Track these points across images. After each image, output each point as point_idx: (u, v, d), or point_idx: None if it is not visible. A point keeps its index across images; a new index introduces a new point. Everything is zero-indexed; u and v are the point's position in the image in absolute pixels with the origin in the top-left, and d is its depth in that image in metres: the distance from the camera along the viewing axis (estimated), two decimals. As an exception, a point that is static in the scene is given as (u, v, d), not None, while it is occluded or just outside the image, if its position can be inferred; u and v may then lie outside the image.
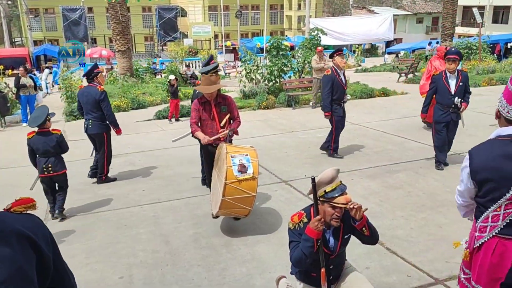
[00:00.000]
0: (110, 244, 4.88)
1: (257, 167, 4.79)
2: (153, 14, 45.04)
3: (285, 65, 14.00)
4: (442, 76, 6.79)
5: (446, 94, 6.72)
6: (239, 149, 4.95)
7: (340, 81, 7.49)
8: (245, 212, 4.83)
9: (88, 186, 6.85)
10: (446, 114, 6.78)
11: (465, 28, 40.42)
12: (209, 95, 5.18)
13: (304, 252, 2.94)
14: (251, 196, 4.68)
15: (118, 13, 17.88)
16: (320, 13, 53.11)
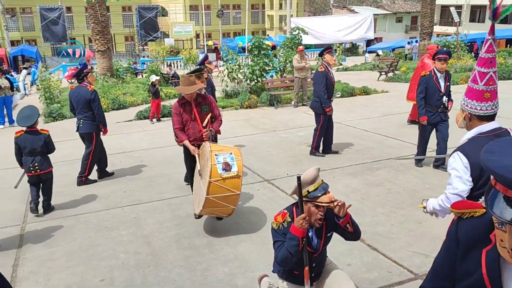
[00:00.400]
0: (91, 247, 4.82)
1: (242, 165, 4.80)
2: (133, 14, 44.58)
3: (267, 65, 14.03)
4: (432, 77, 6.69)
5: (436, 94, 6.64)
6: (223, 148, 4.95)
7: (331, 78, 7.54)
8: (229, 211, 4.82)
9: (68, 188, 6.75)
10: (435, 115, 6.71)
11: (443, 27, 41.09)
12: (189, 96, 5.15)
13: (290, 251, 2.96)
14: (235, 194, 4.68)
15: (97, 12, 17.66)
16: (301, 13, 53.32)
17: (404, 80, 18.11)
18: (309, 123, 10.67)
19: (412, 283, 3.89)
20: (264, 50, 14.00)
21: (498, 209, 1.22)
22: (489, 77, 2.65)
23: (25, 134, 5.65)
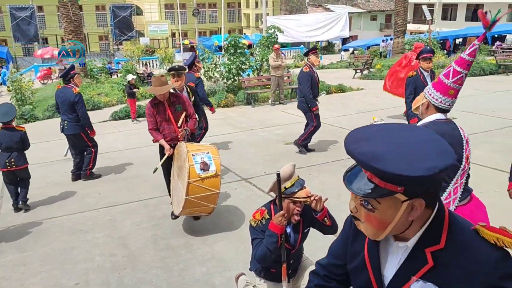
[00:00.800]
0: (65, 250, 4.74)
1: (219, 164, 4.79)
2: (107, 13, 43.88)
3: (243, 63, 14.03)
4: (420, 76, 6.65)
5: None
6: (199, 147, 4.92)
7: (316, 78, 7.55)
8: (209, 210, 4.81)
9: (42, 190, 6.61)
10: None
11: (416, 25, 41.84)
12: (161, 96, 5.10)
13: (269, 247, 2.97)
14: (214, 193, 4.68)
15: (70, 11, 17.33)
16: (277, 11, 53.48)
17: (379, 78, 18.38)
18: (286, 121, 10.75)
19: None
20: (241, 49, 13.99)
21: None
22: (460, 77, 2.84)
23: (2, 131, 5.75)
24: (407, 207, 1.29)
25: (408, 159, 1.22)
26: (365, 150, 1.26)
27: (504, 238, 1.28)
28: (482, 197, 5.58)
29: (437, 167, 1.20)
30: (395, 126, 1.41)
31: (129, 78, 12.22)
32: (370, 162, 1.22)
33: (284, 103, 13.40)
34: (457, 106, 11.45)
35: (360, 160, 1.25)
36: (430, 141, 1.31)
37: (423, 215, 1.34)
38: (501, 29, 31.51)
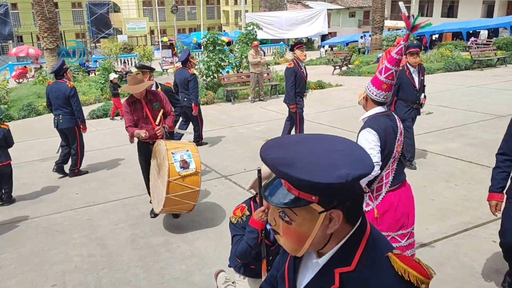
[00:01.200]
0: (42, 252, 4.66)
1: (199, 161, 4.78)
2: (83, 10, 43.21)
3: (223, 60, 13.99)
4: (405, 71, 6.48)
5: (411, 89, 6.46)
6: (178, 145, 4.89)
7: (302, 74, 7.37)
8: (189, 207, 4.80)
9: (17, 192, 6.47)
10: (410, 110, 6.54)
11: (394, 21, 42.38)
12: (138, 94, 5.04)
13: (249, 243, 2.99)
14: (195, 190, 4.68)
15: (45, 9, 16.99)
16: (256, 8, 53.43)
17: (357, 74, 18.59)
18: (267, 118, 10.77)
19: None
20: (220, 46, 13.94)
21: None
22: (391, 73, 3.20)
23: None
24: (324, 219, 1.25)
25: (321, 167, 1.20)
26: (277, 156, 1.24)
27: (411, 271, 1.22)
28: (456, 189, 5.74)
29: (350, 175, 1.17)
30: (317, 137, 1.38)
31: (111, 78, 12.07)
32: (280, 167, 1.20)
33: (264, 100, 13.42)
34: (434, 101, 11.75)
35: (270, 165, 1.22)
36: (348, 151, 1.30)
37: (342, 231, 1.30)
38: (476, 25, 32.16)
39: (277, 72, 15.93)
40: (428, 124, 9.01)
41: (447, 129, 8.70)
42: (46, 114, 12.68)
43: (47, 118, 12.15)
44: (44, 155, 8.42)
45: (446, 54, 19.76)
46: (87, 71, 22.34)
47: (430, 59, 19.47)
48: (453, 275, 3.87)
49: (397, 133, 3.26)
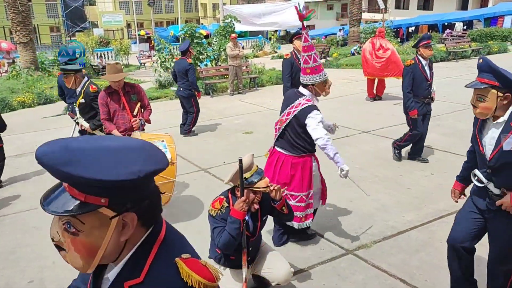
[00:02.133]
0: (18, 248, 4.58)
1: (175, 152, 4.76)
2: (57, 3, 42.27)
3: (201, 53, 13.89)
4: (418, 65, 6.15)
5: (424, 84, 6.20)
6: (154, 136, 4.87)
7: (299, 65, 6.87)
8: (165, 199, 4.77)
9: (-9, 189, 6.34)
10: (422, 106, 6.30)
11: (371, 14, 42.72)
12: (116, 84, 4.99)
13: (232, 234, 3.01)
14: (170, 181, 4.65)
15: (17, 2, 16.56)
16: (234, 1, 53.13)
17: (335, 66, 18.72)
18: (246, 111, 10.77)
19: (343, 258, 4.07)
20: (197, 39, 13.83)
21: None
22: (313, 58, 3.84)
23: None
24: (117, 224, 1.13)
25: (110, 164, 1.08)
26: (57, 156, 1.07)
27: (194, 276, 1.16)
28: (432, 178, 5.86)
29: (142, 171, 1.10)
30: (107, 137, 1.26)
31: None
32: (61, 167, 1.05)
33: (243, 93, 13.40)
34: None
35: (48, 165, 1.06)
36: (140, 148, 1.19)
37: (136, 236, 1.20)
38: (451, 18, 32.69)
39: (256, 65, 15.91)
40: (405, 115, 9.15)
41: (423, 120, 8.84)
42: (20, 109, 12.41)
43: (21, 113, 11.91)
44: (19, 151, 8.25)
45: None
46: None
47: (407, 51, 19.71)
48: (428, 261, 3.96)
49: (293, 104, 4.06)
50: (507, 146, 2.70)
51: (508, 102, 2.71)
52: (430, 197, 5.29)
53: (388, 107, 9.97)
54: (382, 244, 4.28)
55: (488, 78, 2.70)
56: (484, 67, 2.74)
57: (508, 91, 2.68)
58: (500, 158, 2.73)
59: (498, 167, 2.77)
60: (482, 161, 2.89)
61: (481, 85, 2.73)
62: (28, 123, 10.36)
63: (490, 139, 2.80)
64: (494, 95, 2.68)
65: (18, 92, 13.50)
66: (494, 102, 2.69)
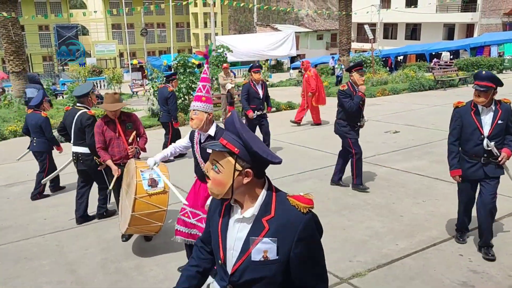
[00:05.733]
0: (9, 280, 4.50)
1: (168, 181, 4.75)
2: (51, 33, 42.69)
3: (193, 82, 14.04)
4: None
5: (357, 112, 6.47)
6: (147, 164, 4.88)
7: (255, 91, 8.21)
8: (156, 229, 4.74)
9: (-19, 219, 6.26)
10: (357, 130, 6.68)
11: (360, 44, 43.65)
12: (113, 114, 5.08)
13: None
14: (161, 210, 4.62)
15: (11, 32, 16.75)
16: (226, 31, 54.10)
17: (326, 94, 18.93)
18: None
19: (338, 286, 4.06)
20: (190, 68, 14.02)
21: None
22: (207, 89, 3.99)
23: None
24: (239, 173, 1.81)
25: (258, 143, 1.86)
26: None
27: (299, 204, 1.84)
28: (424, 205, 5.90)
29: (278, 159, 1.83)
30: None
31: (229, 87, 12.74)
32: None
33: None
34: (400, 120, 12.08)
35: None
36: None
37: (256, 186, 1.88)
38: (438, 47, 33.50)
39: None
40: (396, 143, 9.28)
41: (413, 147, 8.97)
42: (11, 138, 12.36)
43: (13, 143, 11.85)
44: (10, 180, 8.19)
45: (411, 75, 20.46)
46: (54, 94, 21.97)
47: (396, 79, 20.11)
48: (423, 288, 3.97)
49: None
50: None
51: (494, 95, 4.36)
52: (423, 224, 5.33)
53: (379, 135, 10.10)
54: (376, 272, 4.28)
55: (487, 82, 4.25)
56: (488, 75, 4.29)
57: None
58: (495, 129, 4.33)
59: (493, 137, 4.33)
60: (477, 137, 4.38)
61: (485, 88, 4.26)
62: (18, 153, 10.30)
63: (488, 120, 4.36)
64: (491, 91, 4.29)
65: (10, 121, 13.47)
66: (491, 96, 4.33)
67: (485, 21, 39.39)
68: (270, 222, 1.84)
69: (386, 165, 7.76)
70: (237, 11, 68.94)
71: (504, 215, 5.37)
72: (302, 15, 60.30)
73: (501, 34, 33.14)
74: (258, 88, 8.43)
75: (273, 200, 1.86)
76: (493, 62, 23.99)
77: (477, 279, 4.08)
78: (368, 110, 13.66)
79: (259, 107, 8.39)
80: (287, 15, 67.74)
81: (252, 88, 8.41)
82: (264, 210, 1.86)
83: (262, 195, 1.88)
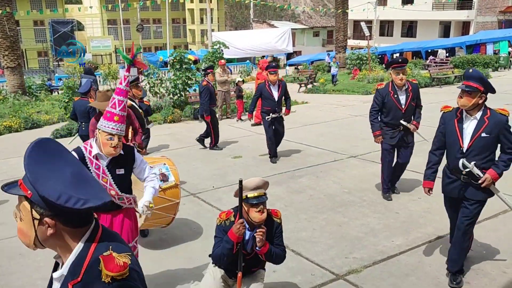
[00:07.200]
0: (3, 276, 4.49)
1: (177, 174, 4.80)
2: (46, 28, 42.42)
3: (189, 79, 14.01)
4: (390, 93, 5.84)
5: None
6: (155, 160, 4.94)
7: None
8: (169, 220, 4.82)
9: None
10: None
11: (356, 41, 43.66)
12: None
13: (224, 252, 3.09)
14: (175, 203, 4.72)
15: (6, 27, 16.64)
16: (222, 27, 53.94)
17: (322, 91, 18.98)
18: (234, 135, 10.81)
19: (334, 283, 4.07)
20: (186, 64, 13.97)
21: None
22: (123, 106, 3.33)
23: None
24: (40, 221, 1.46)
25: None
26: None
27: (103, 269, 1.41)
28: (420, 202, 5.92)
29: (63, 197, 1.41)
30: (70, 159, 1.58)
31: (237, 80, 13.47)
32: None
33: (232, 118, 13.48)
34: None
35: None
36: None
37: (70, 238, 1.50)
38: (434, 45, 33.57)
39: (244, 90, 16.04)
40: (391, 140, 9.29)
41: (409, 144, 8.97)
42: (6, 134, 12.30)
43: (6, 138, 11.79)
44: (5, 176, 8.13)
45: (407, 72, 20.49)
46: (50, 90, 21.85)
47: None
48: (418, 285, 3.99)
49: None
50: None
51: (483, 102, 3.71)
52: (418, 221, 5.35)
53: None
54: (372, 268, 4.29)
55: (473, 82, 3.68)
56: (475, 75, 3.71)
57: None
58: (476, 144, 3.70)
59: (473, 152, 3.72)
60: (457, 150, 3.82)
61: (470, 89, 3.66)
62: (14, 148, 10.26)
63: (470, 130, 3.74)
64: (477, 94, 3.67)
65: (5, 117, 13.40)
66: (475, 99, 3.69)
67: (481, 19, 39.47)
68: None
69: (382, 162, 7.77)
70: (234, 7, 68.76)
71: (500, 211, 5.39)
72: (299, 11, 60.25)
73: (497, 32, 33.21)
74: (273, 90, 7.81)
75: (87, 259, 1.44)
76: (489, 60, 24.07)
77: (473, 276, 4.11)
78: (364, 107, 13.70)
79: (273, 109, 7.81)
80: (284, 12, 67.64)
81: (266, 89, 7.81)
82: (73, 271, 1.45)
83: (76, 250, 1.48)
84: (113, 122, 3.24)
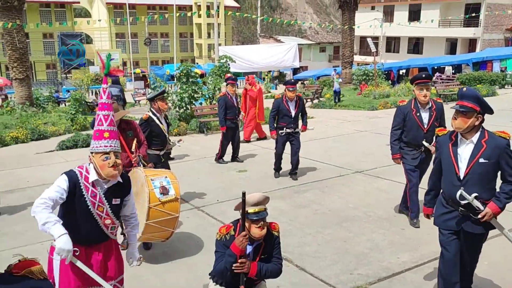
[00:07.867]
0: (4, 287, 4.45)
1: (178, 188, 4.78)
2: (55, 41, 42.95)
3: (196, 92, 14.07)
4: (412, 111, 5.42)
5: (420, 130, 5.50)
6: (156, 172, 4.92)
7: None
8: (167, 235, 4.76)
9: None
10: None
11: (363, 57, 43.79)
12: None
13: (227, 266, 3.04)
14: (174, 217, 4.66)
15: (15, 39, 16.82)
16: (229, 42, 54.37)
17: (328, 106, 18.98)
18: (240, 149, 10.79)
19: (338, 300, 4.01)
20: (193, 78, 14.05)
21: None
22: (111, 119, 3.08)
23: None
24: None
25: None
26: None
27: None
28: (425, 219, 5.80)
29: None
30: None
31: None
32: None
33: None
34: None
35: None
36: None
37: None
38: (441, 61, 33.61)
39: None
40: (397, 155, 9.23)
41: (415, 160, 8.92)
42: (13, 144, 12.37)
43: (14, 149, 11.85)
44: (10, 187, 8.15)
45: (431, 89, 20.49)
46: (57, 102, 22.03)
47: (398, 93, 20.14)
48: (424, 303, 3.91)
49: None
50: None
51: (479, 123, 3.38)
52: (424, 238, 5.27)
53: (381, 147, 10.06)
54: (377, 285, 4.22)
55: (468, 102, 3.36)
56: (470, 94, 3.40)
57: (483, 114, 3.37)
58: (474, 170, 3.34)
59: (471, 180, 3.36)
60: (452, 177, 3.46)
61: (464, 109, 3.34)
62: (20, 159, 10.30)
63: (466, 155, 3.39)
64: (472, 115, 3.34)
65: (12, 128, 13.47)
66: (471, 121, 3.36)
67: (488, 36, 39.55)
68: None
69: (387, 177, 7.71)
70: (241, 23, 69.45)
71: (507, 230, 5.31)
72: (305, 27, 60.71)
73: (504, 49, 33.24)
74: (290, 106, 7.60)
75: None
76: (495, 77, 24.02)
77: None
78: (370, 123, 13.69)
79: (289, 125, 7.70)
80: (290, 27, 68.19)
81: (284, 105, 7.59)
82: None
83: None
84: (104, 140, 3.03)
